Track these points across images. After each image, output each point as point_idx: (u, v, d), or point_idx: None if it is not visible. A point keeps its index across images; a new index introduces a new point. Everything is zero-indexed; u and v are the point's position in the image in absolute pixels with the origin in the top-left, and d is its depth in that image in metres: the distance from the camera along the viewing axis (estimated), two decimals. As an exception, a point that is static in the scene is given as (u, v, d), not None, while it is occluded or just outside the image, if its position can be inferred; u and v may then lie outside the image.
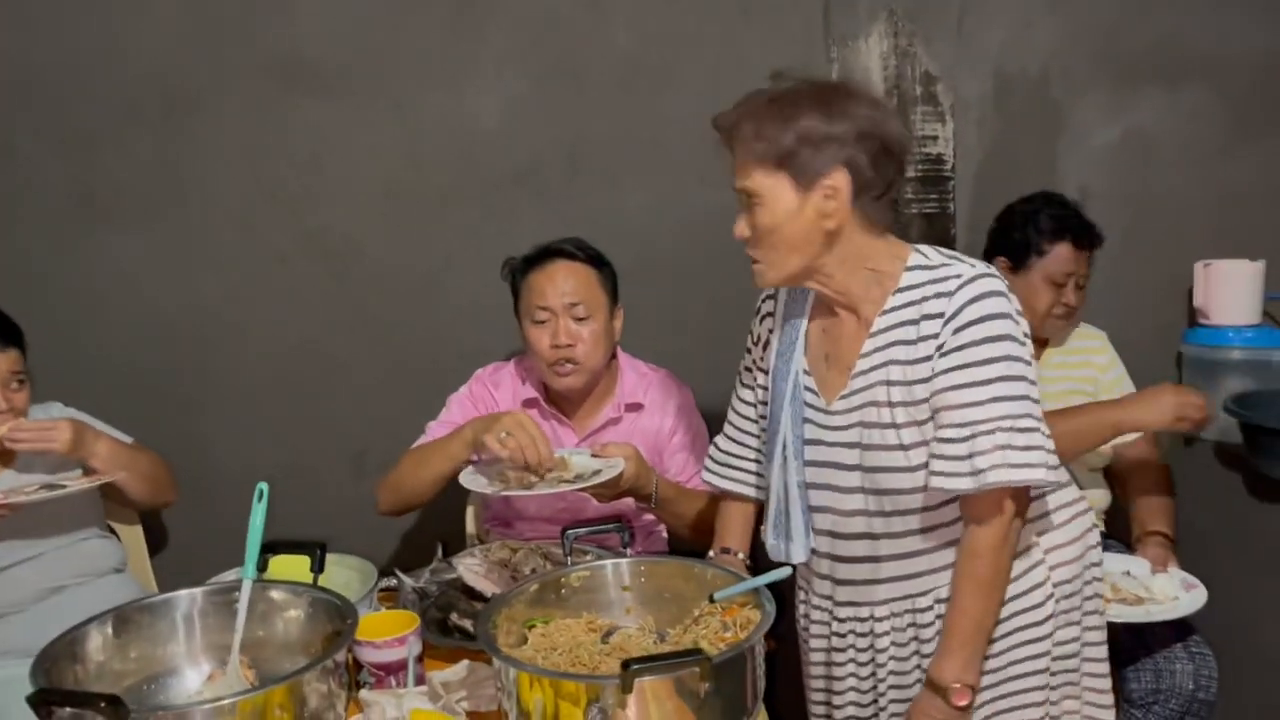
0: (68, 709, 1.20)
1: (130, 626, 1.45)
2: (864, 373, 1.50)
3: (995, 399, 1.41)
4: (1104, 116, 2.64)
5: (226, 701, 1.26)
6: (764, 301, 1.67)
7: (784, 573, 1.48)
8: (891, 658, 1.57)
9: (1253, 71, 2.62)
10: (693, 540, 1.93)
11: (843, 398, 1.52)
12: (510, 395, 2.07)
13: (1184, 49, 2.61)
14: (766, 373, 1.63)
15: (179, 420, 2.40)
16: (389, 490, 1.99)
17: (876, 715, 1.60)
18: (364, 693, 1.41)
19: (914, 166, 2.59)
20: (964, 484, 1.41)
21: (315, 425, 2.47)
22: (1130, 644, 1.94)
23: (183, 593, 1.52)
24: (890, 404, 1.47)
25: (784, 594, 1.62)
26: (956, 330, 1.42)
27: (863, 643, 1.59)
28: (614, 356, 2.09)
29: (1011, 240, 2.18)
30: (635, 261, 2.46)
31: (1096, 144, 2.66)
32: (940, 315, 1.43)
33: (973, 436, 1.40)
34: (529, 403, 2.06)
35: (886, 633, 1.56)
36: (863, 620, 1.58)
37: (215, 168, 2.39)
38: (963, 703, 1.45)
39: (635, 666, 1.22)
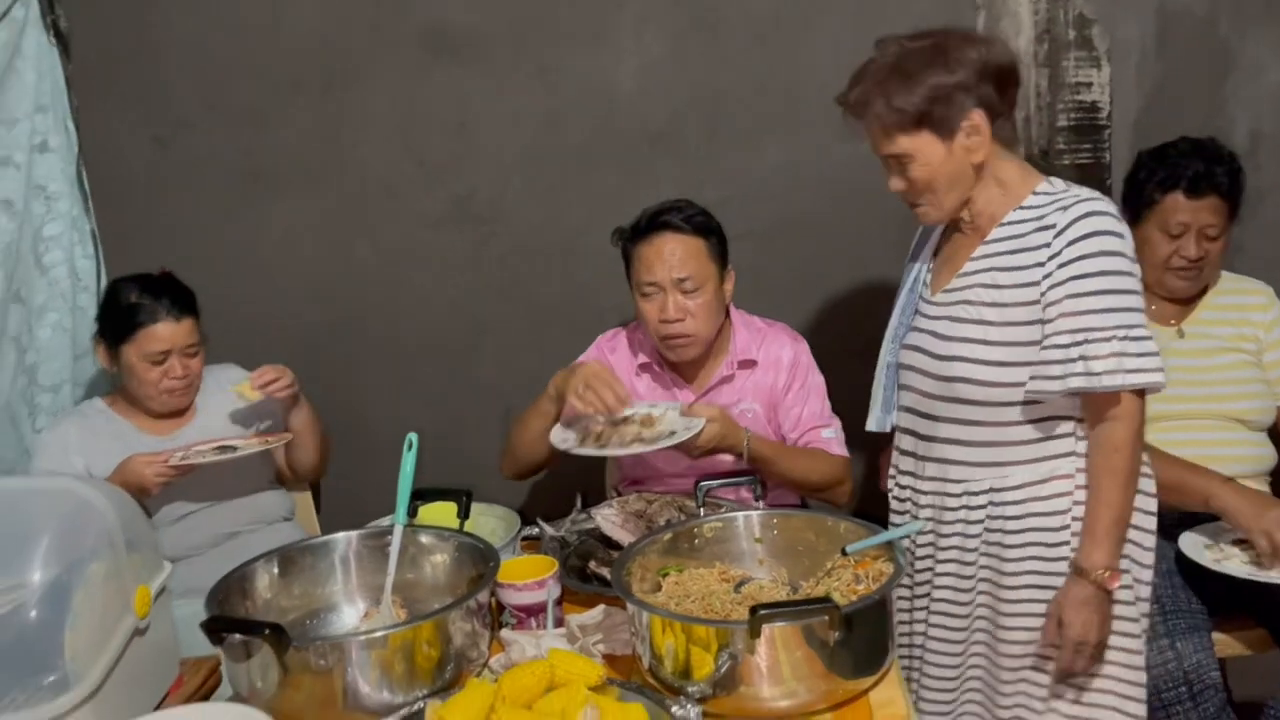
0: (237, 636, 1.31)
1: (293, 566, 1.57)
2: (967, 274, 1.65)
3: (1110, 309, 1.53)
4: (1277, 54, 2.47)
5: (379, 634, 1.35)
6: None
7: (918, 525, 1.48)
8: (927, 519, 1.73)
9: None
10: (808, 496, 1.94)
11: (944, 292, 1.69)
12: (626, 360, 2.10)
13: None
14: None
15: (338, 379, 2.53)
16: (506, 455, 2.06)
17: (913, 576, 1.76)
18: (505, 632, 1.48)
19: (1066, 115, 2.48)
20: (1076, 383, 1.53)
21: (463, 383, 2.56)
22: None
23: (340, 535, 1.63)
24: (983, 304, 1.62)
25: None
26: (1071, 242, 1.55)
27: (917, 508, 1.76)
28: (727, 317, 2.08)
29: (1131, 189, 2.09)
30: (773, 220, 2.46)
31: (1269, 84, 2.49)
32: (1053, 227, 1.57)
33: (1087, 341, 1.53)
34: (644, 367, 2.08)
35: (926, 506, 1.73)
36: (915, 491, 1.76)
37: (369, 137, 2.50)
38: (1115, 585, 1.56)
39: (764, 612, 1.25)
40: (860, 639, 1.31)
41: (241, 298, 2.47)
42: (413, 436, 1.60)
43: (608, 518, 1.72)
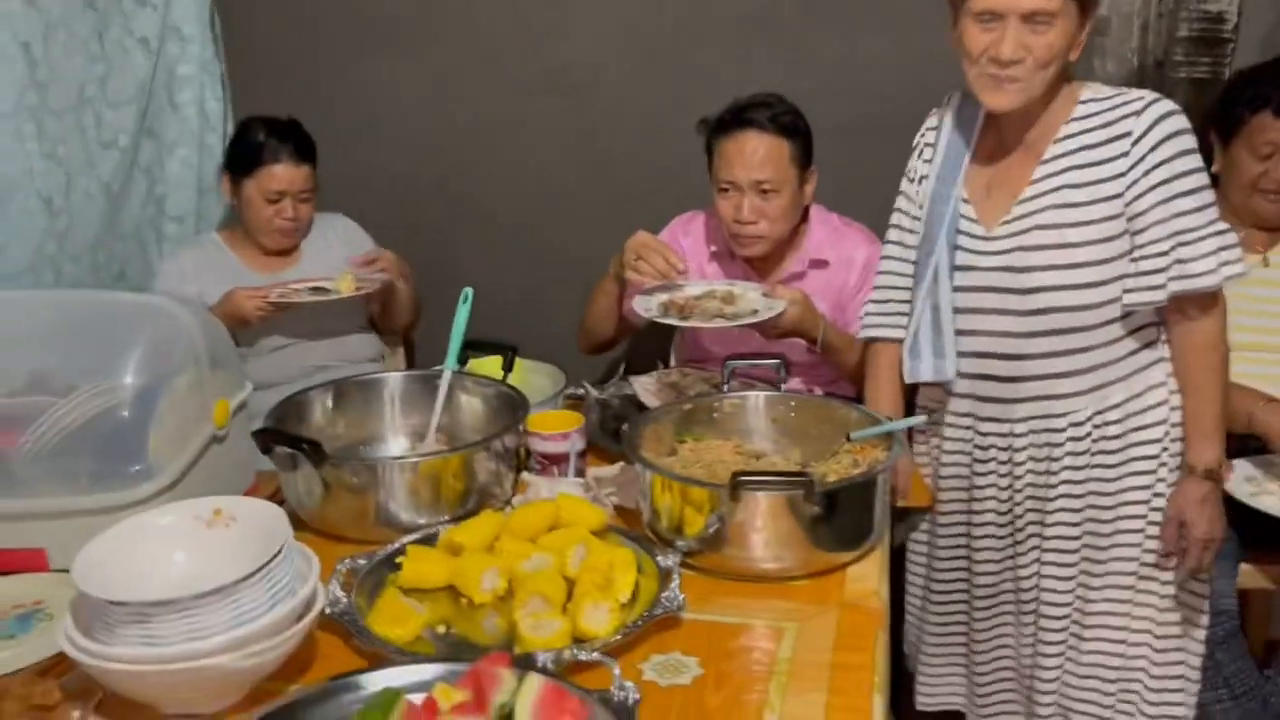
0: (283, 448, 1.49)
1: (346, 398, 1.73)
2: (1032, 198, 1.59)
3: (1199, 208, 1.53)
4: None
5: (410, 460, 1.51)
6: (924, 134, 1.74)
7: (920, 419, 1.56)
8: (1029, 471, 1.68)
9: None
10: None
11: (1005, 223, 1.61)
12: (699, 245, 2.14)
13: None
14: (921, 207, 1.71)
15: (432, 237, 2.69)
16: (580, 330, 2.17)
17: (1013, 522, 1.71)
18: (526, 475, 1.62)
19: (1188, 25, 2.36)
20: (1176, 287, 1.53)
21: (546, 248, 2.68)
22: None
23: (393, 374, 1.78)
24: (1062, 225, 1.57)
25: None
26: (1154, 146, 1.53)
27: (1003, 456, 1.70)
28: (804, 215, 2.09)
29: (1222, 108, 2.02)
30: (864, 116, 2.43)
31: None
32: (1129, 135, 1.54)
33: (1182, 245, 1.53)
34: (716, 255, 2.12)
35: (1024, 448, 1.67)
36: (1003, 436, 1.69)
37: (472, 6, 2.57)
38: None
39: (743, 479, 1.34)
40: (840, 516, 1.39)
41: (351, 150, 2.61)
42: (467, 290, 1.72)
43: (644, 385, 1.83)
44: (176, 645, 1.04)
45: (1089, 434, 1.64)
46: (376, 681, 1.11)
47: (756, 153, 1.95)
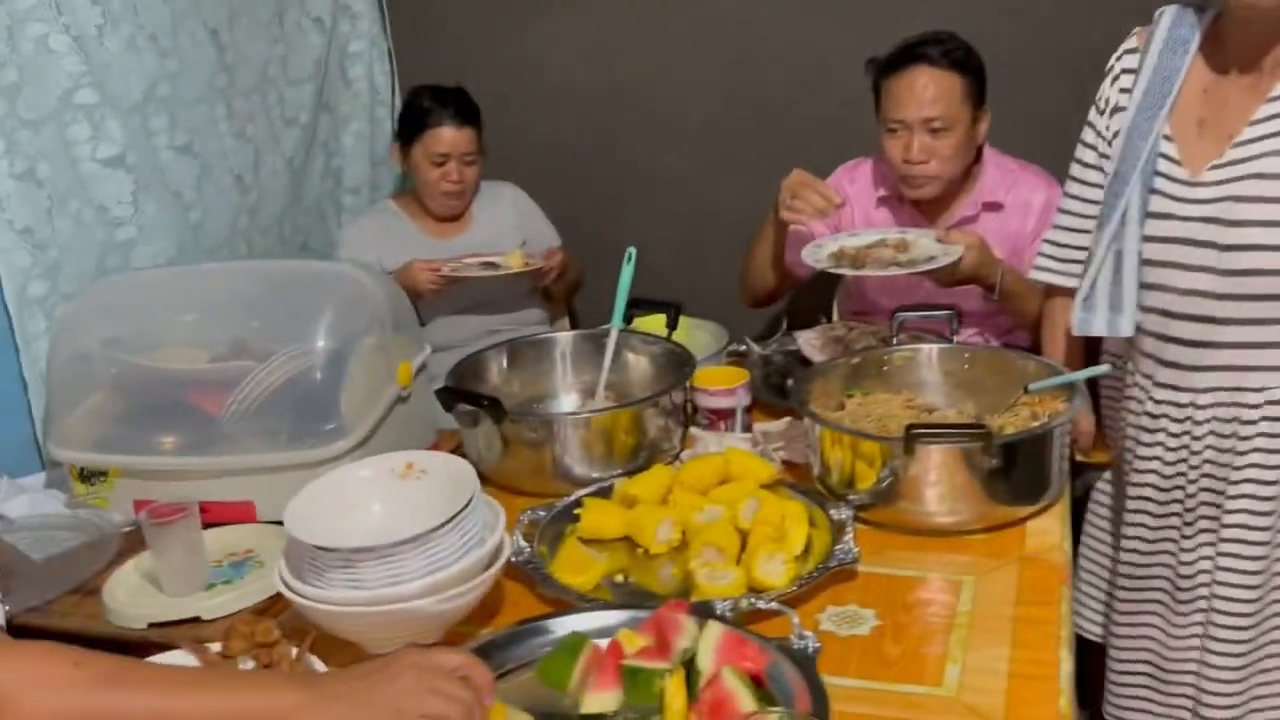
0: (465, 405, 1.56)
1: (520, 357, 1.80)
2: (1251, 141, 1.40)
3: None
4: None
5: (584, 415, 1.55)
6: (1121, 58, 1.55)
7: (1102, 369, 1.48)
8: (1209, 448, 1.49)
9: None
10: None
11: (1215, 167, 1.42)
12: (865, 191, 2.10)
13: None
14: (1110, 141, 1.54)
15: (592, 194, 2.73)
16: (742, 282, 2.15)
17: (1182, 502, 1.53)
18: (695, 430, 1.64)
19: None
20: None
21: (707, 203, 2.68)
22: None
23: (563, 334, 1.84)
24: None
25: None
26: None
27: (1176, 428, 1.52)
28: (978, 157, 2.03)
29: None
30: (1040, 54, 2.32)
31: None
32: None
33: None
34: (884, 200, 2.08)
35: (1206, 422, 1.49)
36: (1180, 406, 1.51)
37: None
38: None
39: (916, 431, 1.33)
40: (1018, 470, 1.36)
41: (514, 115, 2.67)
42: (632, 250, 1.75)
43: (808, 340, 1.82)
44: (379, 589, 1.11)
45: None
46: (563, 626, 1.17)
47: (927, 89, 1.89)
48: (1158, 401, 1.54)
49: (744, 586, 1.25)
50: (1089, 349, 1.67)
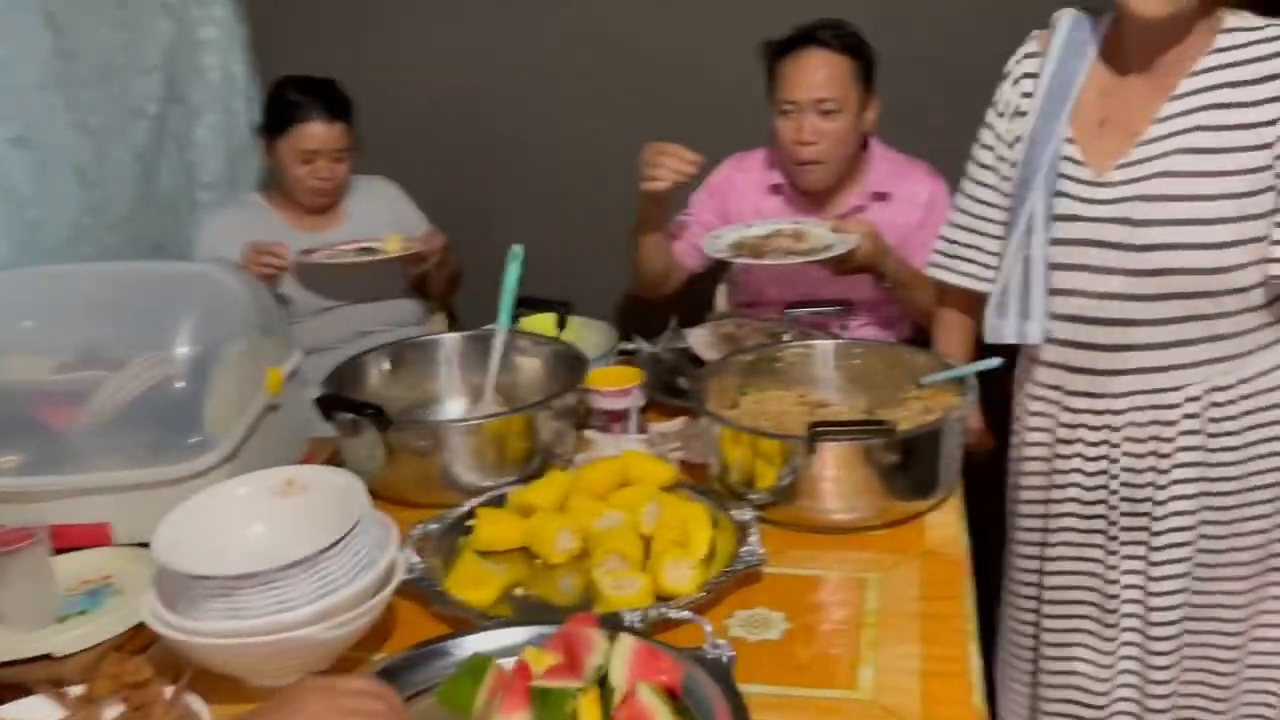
0: (346, 414, 1.46)
1: (403, 361, 1.71)
2: (1157, 139, 1.40)
3: None
4: None
5: (474, 421, 1.48)
6: (1021, 62, 1.54)
7: (993, 362, 1.49)
8: (1128, 455, 1.49)
9: None
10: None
11: (1121, 166, 1.42)
12: (755, 180, 2.10)
13: None
14: (1013, 144, 1.53)
15: (471, 193, 2.64)
16: (635, 275, 2.13)
17: (1104, 516, 1.52)
18: (590, 433, 1.59)
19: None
20: None
21: (590, 202, 2.61)
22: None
23: (447, 335, 1.76)
24: (1194, 174, 1.37)
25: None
26: None
27: (1094, 437, 1.51)
28: (865, 146, 2.06)
29: None
30: (928, 49, 2.33)
31: None
32: None
33: None
34: (775, 188, 2.09)
35: (1123, 428, 1.48)
36: (1098, 414, 1.49)
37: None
38: None
39: (820, 429, 1.31)
40: (917, 464, 1.36)
41: (388, 110, 2.55)
42: (517, 248, 1.69)
43: (699, 337, 1.79)
44: (263, 617, 1.02)
45: (1204, 413, 1.44)
46: (465, 647, 1.10)
47: (819, 71, 1.92)
48: (1073, 411, 1.52)
49: (650, 594, 1.21)
50: (981, 346, 1.67)
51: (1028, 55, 1.54)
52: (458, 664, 1.07)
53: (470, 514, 1.39)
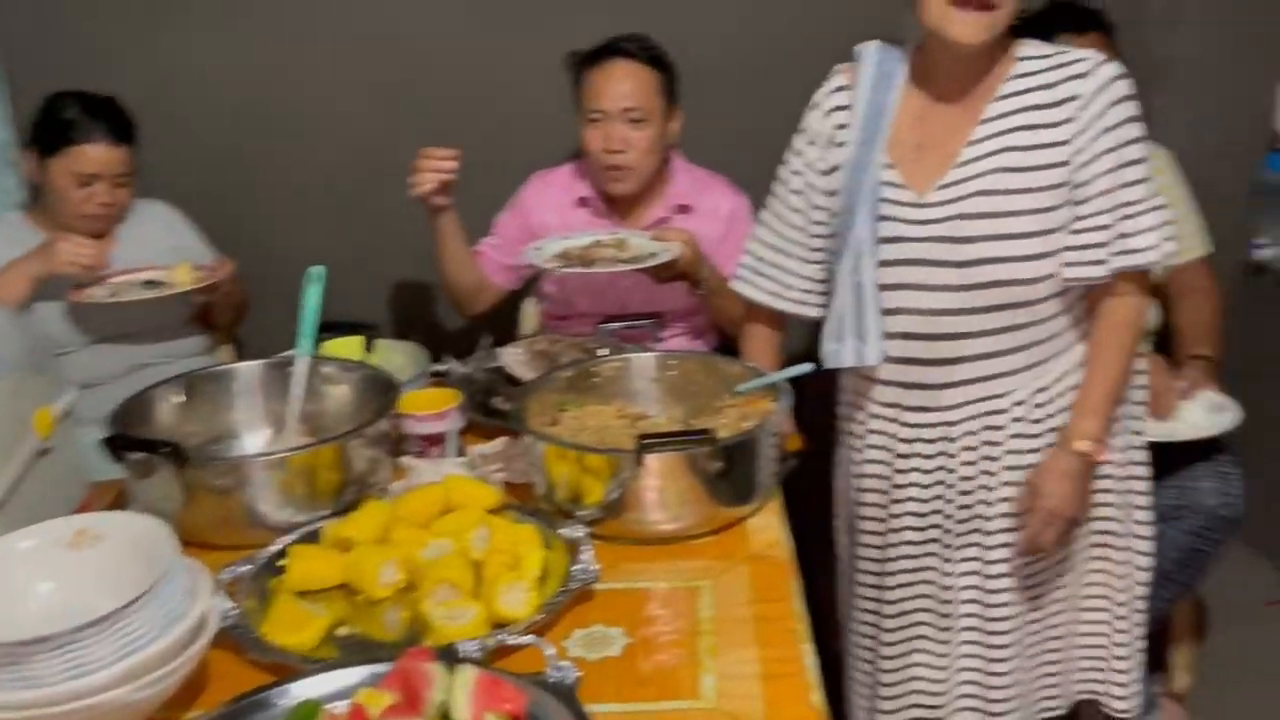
0: (137, 454, 1.34)
1: (197, 393, 1.59)
2: (972, 160, 1.47)
3: (1143, 179, 1.45)
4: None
5: (278, 455, 1.39)
6: (831, 95, 1.58)
7: (804, 368, 1.53)
8: (964, 464, 1.55)
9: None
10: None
11: (941, 188, 1.48)
12: (562, 194, 2.11)
13: None
14: (828, 172, 1.57)
15: (250, 213, 2.50)
16: (446, 293, 2.10)
17: (938, 527, 1.58)
18: (406, 459, 1.53)
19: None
20: (1120, 263, 1.44)
21: (388, 219, 2.52)
22: (1159, 460, 1.96)
23: (244, 364, 1.65)
24: (1008, 191, 1.45)
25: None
26: (1102, 112, 1.43)
27: (930, 450, 1.56)
28: (668, 159, 2.10)
29: None
30: (723, 67, 2.37)
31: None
32: (1076, 98, 1.44)
33: (1126, 218, 1.44)
34: (582, 201, 2.10)
35: (960, 438, 1.54)
36: (934, 426, 1.55)
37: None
38: (1103, 457, 1.50)
39: (648, 441, 1.31)
40: (739, 470, 1.39)
41: (163, 128, 2.37)
42: (315, 270, 1.61)
43: (513, 356, 1.76)
44: (60, 685, 0.92)
45: (1028, 415, 1.52)
46: (291, 695, 1.03)
47: (625, 80, 1.97)
48: (911, 426, 1.56)
49: (486, 622, 1.17)
50: (790, 358, 1.71)
51: (837, 89, 1.58)
52: (284, 714, 1.00)
53: (282, 553, 1.31)
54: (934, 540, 1.59)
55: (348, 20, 2.43)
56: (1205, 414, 1.98)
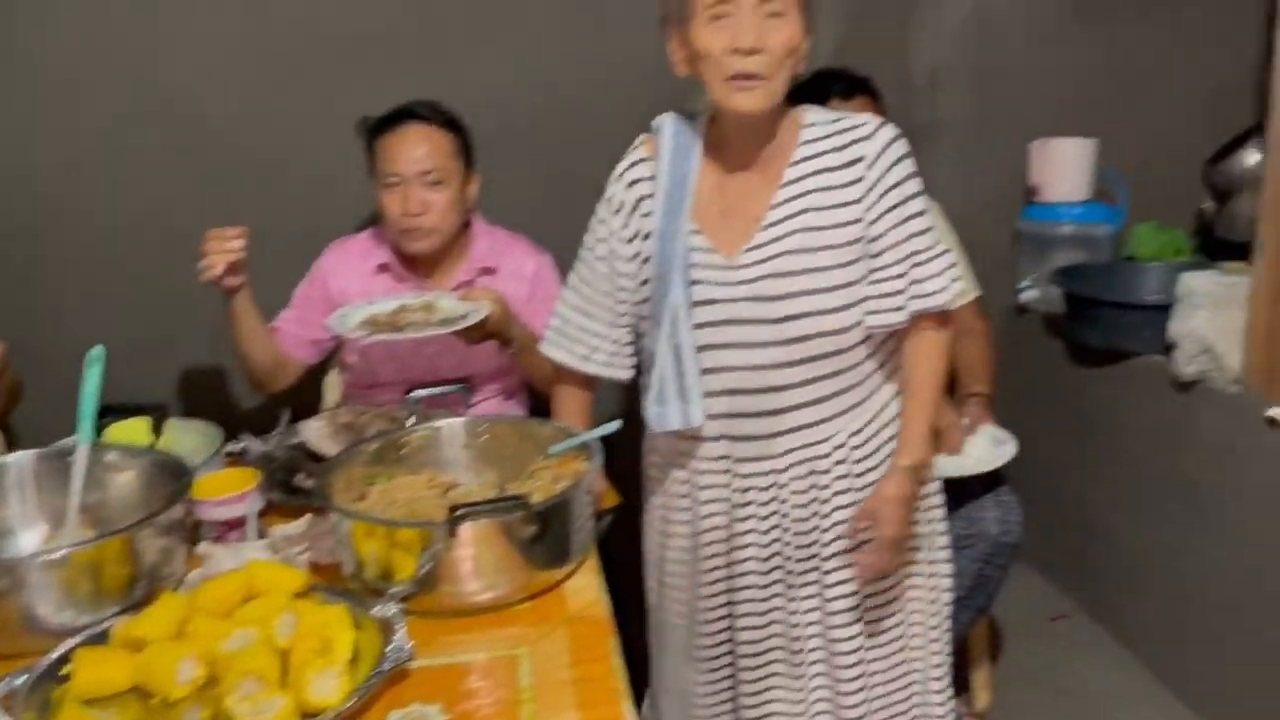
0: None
1: (-41, 491, 1.46)
2: (778, 223, 1.54)
3: (929, 228, 1.57)
4: (953, -5, 2.72)
5: (59, 554, 1.29)
6: (634, 166, 1.63)
7: (613, 426, 1.56)
8: (796, 508, 1.62)
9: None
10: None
11: (749, 250, 1.54)
12: (361, 263, 2.08)
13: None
14: (632, 240, 1.62)
15: (21, 292, 2.33)
16: (244, 373, 2.02)
17: (782, 566, 1.64)
18: (202, 546, 1.45)
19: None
20: (915, 306, 1.55)
21: (174, 295, 2.41)
22: (946, 494, 2.09)
23: (14, 456, 1.52)
24: (813, 249, 1.53)
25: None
26: (887, 169, 1.53)
27: (764, 497, 1.62)
28: (469, 222, 2.10)
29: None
30: (498, 128, 2.42)
31: (945, 24, 2.73)
32: (863, 159, 1.53)
33: (916, 265, 1.55)
34: (383, 267, 2.07)
35: (789, 484, 1.61)
36: (765, 474, 1.61)
37: (45, 26, 2.27)
38: (929, 480, 1.65)
39: (460, 511, 1.30)
40: (554, 533, 1.39)
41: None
42: (94, 351, 1.51)
43: (316, 430, 1.71)
44: None
45: (848, 456, 1.61)
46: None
47: (421, 144, 1.98)
48: (745, 477, 1.62)
49: (295, 712, 1.12)
50: (601, 415, 1.72)
51: (639, 160, 1.63)
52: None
53: (65, 658, 1.21)
54: (778, 582, 1.65)
55: (132, 86, 2.34)
56: (988, 448, 2.13)
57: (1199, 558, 2.27)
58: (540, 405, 2.03)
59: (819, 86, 2.19)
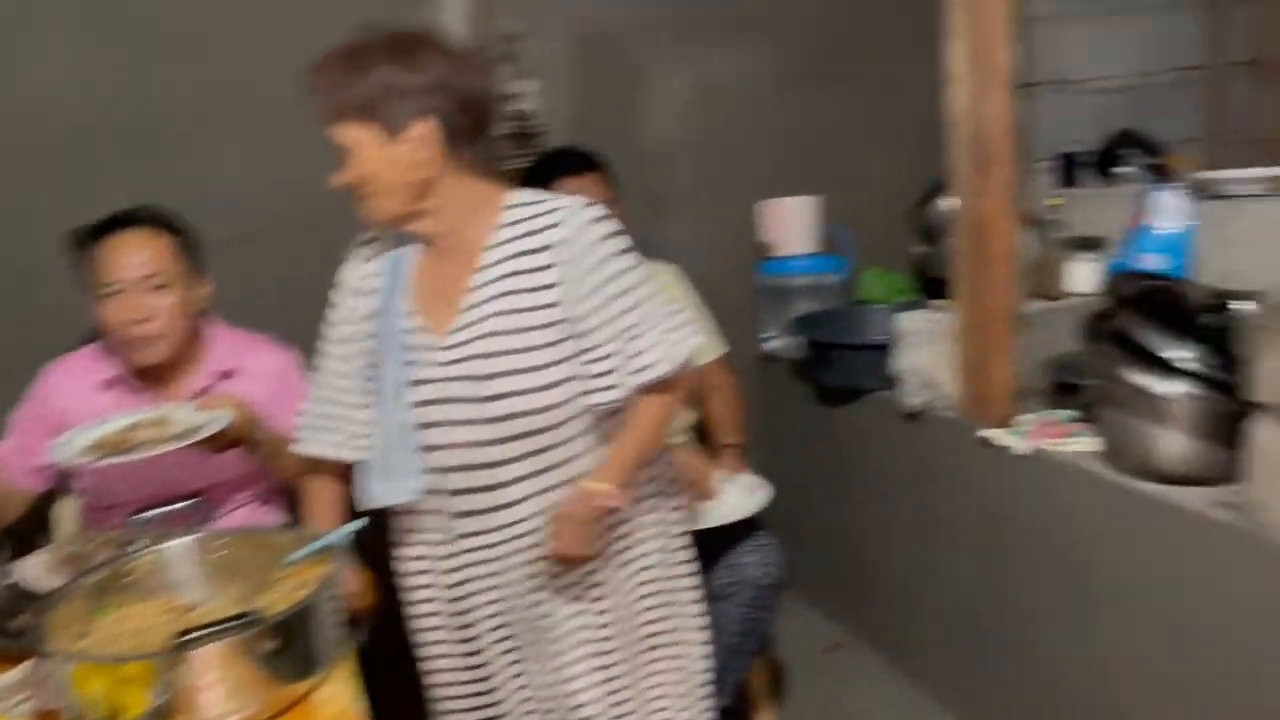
0: None
1: None
2: (476, 305, 1.56)
3: (637, 304, 1.57)
4: (675, 70, 2.87)
5: None
6: (360, 248, 1.68)
7: (355, 525, 1.53)
8: (527, 576, 1.63)
9: (803, 24, 2.95)
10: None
11: (454, 331, 1.57)
12: (85, 381, 1.97)
13: (743, 4, 2.90)
14: (359, 322, 1.64)
15: None
16: None
17: (513, 635, 1.68)
18: (-99, 715, 1.32)
19: (504, 126, 2.69)
20: (634, 381, 1.56)
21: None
22: (708, 545, 2.16)
23: None
24: (516, 330, 1.55)
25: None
26: (584, 252, 1.54)
27: (487, 569, 1.65)
28: (202, 327, 2.03)
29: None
30: (231, 227, 2.36)
31: (673, 97, 2.89)
32: (555, 244, 1.54)
33: (634, 339, 1.56)
34: (109, 382, 1.97)
35: (509, 555, 1.63)
36: (491, 547, 1.64)
37: None
38: (614, 503, 1.59)
39: (185, 637, 1.24)
40: (300, 643, 1.34)
41: None
42: None
43: (36, 568, 1.59)
44: None
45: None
46: None
47: (142, 250, 1.90)
48: (469, 550, 1.64)
49: None
50: (354, 511, 1.70)
51: (366, 242, 1.68)
52: None
53: None
54: (517, 648, 1.68)
55: None
56: (743, 496, 2.22)
57: (941, 574, 2.44)
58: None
59: (549, 167, 2.27)
